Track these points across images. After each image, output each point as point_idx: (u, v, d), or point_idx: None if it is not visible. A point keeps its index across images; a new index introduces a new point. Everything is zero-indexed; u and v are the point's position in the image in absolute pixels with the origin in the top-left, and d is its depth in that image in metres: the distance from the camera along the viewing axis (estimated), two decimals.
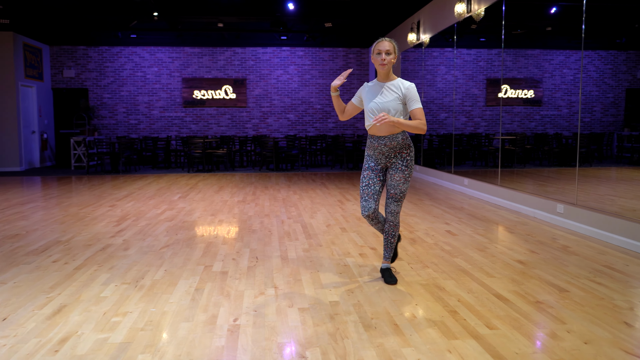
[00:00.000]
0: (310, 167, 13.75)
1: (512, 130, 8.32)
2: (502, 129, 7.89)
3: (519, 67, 8.34)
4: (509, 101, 8.31)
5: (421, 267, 4.26)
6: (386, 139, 3.69)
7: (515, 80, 8.31)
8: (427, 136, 10.96)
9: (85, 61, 14.97)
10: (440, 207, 7.19)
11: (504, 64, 7.83)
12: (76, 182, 10.63)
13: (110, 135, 15.10)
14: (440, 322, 3.08)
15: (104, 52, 15.02)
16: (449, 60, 9.83)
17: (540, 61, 8.31)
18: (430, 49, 10.52)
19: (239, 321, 3.13)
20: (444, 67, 10.25)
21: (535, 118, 8.35)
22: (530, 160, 8.64)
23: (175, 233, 5.62)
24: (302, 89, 15.61)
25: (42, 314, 3.23)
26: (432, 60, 10.63)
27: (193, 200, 7.93)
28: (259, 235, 5.51)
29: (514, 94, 8.35)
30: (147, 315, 3.22)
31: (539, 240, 5.18)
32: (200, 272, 4.16)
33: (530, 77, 8.33)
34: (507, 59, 7.91)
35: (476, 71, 9.56)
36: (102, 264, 4.38)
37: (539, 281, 3.85)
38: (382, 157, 3.76)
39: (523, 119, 8.39)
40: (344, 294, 3.59)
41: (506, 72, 8.03)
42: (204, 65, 15.29)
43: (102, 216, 6.64)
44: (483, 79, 9.48)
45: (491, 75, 9.26)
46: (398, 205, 3.80)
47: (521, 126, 8.39)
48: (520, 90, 8.35)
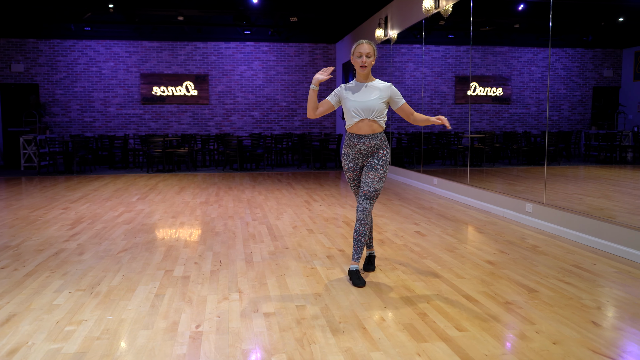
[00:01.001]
0: (276, 166, 13.72)
1: (481, 128, 8.47)
2: (471, 127, 8.02)
3: (488, 64, 8.49)
4: (478, 99, 8.46)
5: (390, 268, 4.30)
6: (366, 138, 3.89)
7: (484, 78, 8.46)
8: (395, 134, 11.06)
9: (35, 55, 14.57)
10: (409, 207, 7.27)
11: (472, 61, 7.97)
12: (26, 183, 10.33)
13: (64, 133, 14.73)
14: (410, 325, 3.12)
15: (56, 46, 14.64)
16: (417, 57, 9.95)
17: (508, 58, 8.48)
18: (398, 45, 10.62)
19: (202, 328, 3.10)
20: (412, 63, 10.37)
21: (504, 116, 8.53)
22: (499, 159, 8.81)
23: (133, 236, 5.53)
24: (267, 85, 15.56)
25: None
26: (401, 57, 10.74)
27: (153, 202, 7.81)
28: (223, 237, 5.47)
29: (483, 91, 8.50)
30: (104, 324, 3.16)
31: (508, 240, 5.29)
32: (160, 277, 4.10)
33: (498, 74, 8.50)
34: (475, 56, 8.05)
35: (445, 68, 9.70)
36: (55, 270, 4.27)
37: (508, 282, 3.93)
38: (359, 155, 3.95)
39: (492, 117, 8.55)
40: (311, 298, 3.59)
41: (475, 70, 8.17)
42: (163, 60, 15.08)
43: (55, 219, 6.48)
44: (452, 76, 9.63)
45: (460, 72, 9.41)
46: (370, 204, 3.89)
47: (490, 124, 8.55)
48: (489, 88, 8.51)
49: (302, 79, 15.78)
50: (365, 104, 3.86)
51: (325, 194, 8.59)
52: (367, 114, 3.87)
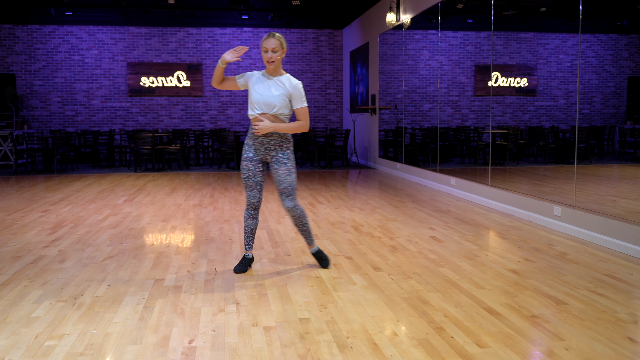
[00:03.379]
0: None
1: (504, 123, 8.45)
2: (492, 122, 8.00)
3: (511, 52, 8.47)
4: (500, 90, 8.43)
5: (403, 278, 4.29)
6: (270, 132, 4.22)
7: (506, 67, 8.44)
8: (409, 130, 11.06)
9: (12, 42, 14.63)
10: (425, 210, 7.27)
11: (494, 49, 7.94)
12: (2, 183, 10.38)
13: (43, 128, 14.78)
14: (425, 341, 3.11)
15: (34, 32, 14.70)
16: (432, 44, 9.93)
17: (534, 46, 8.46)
18: (411, 31, 10.61)
19: (195, 343, 3.10)
20: (427, 51, 10.35)
21: (529, 109, 8.50)
22: (524, 156, 8.78)
23: (120, 242, 5.55)
24: None
25: None
26: (414, 44, 10.73)
27: (141, 204, 7.83)
28: (218, 243, 5.48)
29: (506, 82, 8.48)
30: (87, 338, 3.16)
31: (534, 246, 5.28)
32: (149, 287, 4.11)
33: (523, 63, 8.48)
34: (497, 42, 8.03)
35: (463, 56, 9.68)
36: (34, 279, 4.29)
37: (534, 293, 3.92)
38: (261, 148, 4.29)
39: (516, 111, 8.53)
40: (315, 310, 3.59)
41: (497, 58, 8.15)
42: (152, 48, 15.11)
43: (34, 223, 6.50)
44: (471, 65, 9.61)
45: (480, 61, 9.39)
46: (292, 200, 4.30)
47: (514, 119, 8.52)
48: (513, 79, 8.48)
49: (305, 68, 15.79)
50: (267, 99, 4.17)
51: (331, 195, 8.59)
52: (268, 108, 4.17)
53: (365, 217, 6.77)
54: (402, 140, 11.23)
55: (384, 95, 12.25)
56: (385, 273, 4.43)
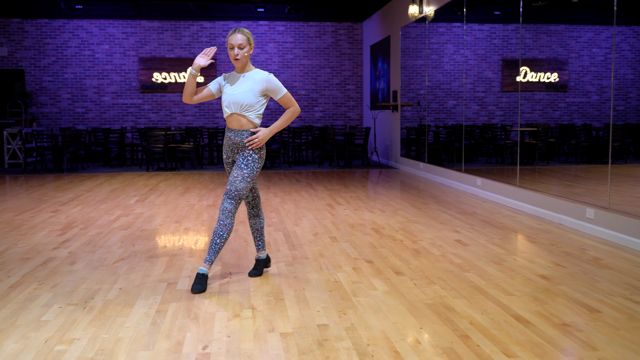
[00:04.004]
0: (294, 164, 13.76)
1: (533, 120, 8.38)
2: (521, 120, 7.94)
3: (541, 45, 8.40)
4: (529, 86, 8.37)
5: (426, 283, 4.28)
6: (232, 133, 4.20)
7: (536, 62, 8.37)
8: (432, 128, 11.02)
9: (21, 37, 14.83)
10: (449, 211, 7.24)
11: (522, 42, 7.88)
12: (11, 182, 10.53)
13: (53, 126, 14.97)
14: (449, 349, 3.10)
15: (44, 27, 14.88)
16: (457, 38, 9.88)
17: (565, 38, 8.38)
18: (435, 23, 10.57)
19: (209, 349, 3.12)
20: (451, 45, 10.30)
21: (560, 106, 8.42)
22: (554, 156, 8.71)
23: (131, 244, 5.60)
24: (284, 71, 15.61)
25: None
26: (438, 38, 10.68)
27: (153, 205, 7.90)
28: (233, 246, 5.50)
29: (535, 77, 8.41)
30: (98, 343, 3.20)
31: (565, 251, 5.24)
32: (162, 290, 4.14)
33: (553, 57, 8.40)
34: (526, 35, 7.97)
35: (490, 50, 9.63)
36: (43, 282, 4.34)
37: (565, 300, 3.89)
38: (229, 150, 4.27)
39: (546, 107, 8.45)
40: (334, 316, 3.59)
41: (525, 52, 8.09)
42: (165, 43, 15.22)
43: (43, 224, 6.59)
44: (498, 59, 9.55)
45: (508, 55, 9.33)
46: (231, 204, 4.12)
47: (543, 116, 8.45)
48: (542, 74, 8.41)
49: (323, 63, 15.80)
50: (234, 97, 4.14)
51: (351, 196, 8.59)
52: (235, 107, 4.14)
53: (386, 219, 6.76)
54: (425, 138, 11.19)
55: (406, 92, 12.21)
56: (408, 278, 4.41)
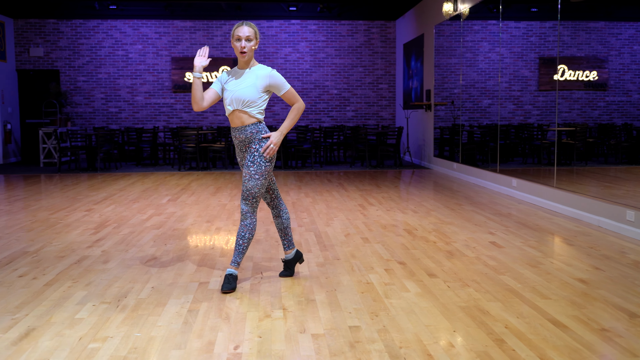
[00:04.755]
0: (325, 164, 13.77)
1: (571, 120, 8.26)
2: (558, 119, 7.82)
3: (579, 43, 8.27)
4: (567, 85, 8.25)
5: (460, 285, 4.24)
6: (236, 131, 4.13)
7: (574, 60, 8.24)
8: (466, 127, 10.92)
9: (56, 37, 15.14)
10: (483, 213, 7.17)
11: (560, 40, 7.76)
12: (46, 181, 10.75)
13: (86, 126, 15.24)
14: (484, 353, 3.07)
15: (78, 27, 15.17)
16: (493, 35, 9.77)
17: (605, 36, 8.24)
18: (470, 21, 10.47)
19: (241, 349, 3.14)
20: (486, 43, 10.20)
21: (599, 105, 8.28)
22: (593, 156, 8.56)
23: (163, 243, 5.66)
24: (315, 70, 15.64)
25: (6, 339, 3.27)
26: (473, 36, 10.58)
27: (185, 204, 7.98)
28: (264, 246, 5.53)
29: (573, 75, 8.28)
30: (131, 341, 3.24)
31: (604, 254, 5.14)
32: (194, 289, 4.18)
33: (592, 55, 8.26)
34: (564, 33, 7.85)
35: (526, 48, 9.51)
36: (78, 280, 4.42)
37: (604, 304, 3.82)
38: (239, 151, 4.20)
39: (584, 107, 8.32)
40: (366, 318, 3.59)
41: (563, 50, 7.97)
42: (197, 42, 15.37)
43: (77, 222, 6.71)
44: (535, 57, 9.43)
45: (545, 53, 9.20)
46: (245, 204, 4.14)
47: (582, 115, 8.32)
48: (581, 72, 8.28)
49: (356, 62, 15.78)
50: (236, 93, 4.04)
51: (383, 196, 8.56)
52: (237, 104, 4.05)
53: (419, 220, 6.72)
54: (459, 138, 11.09)
55: (439, 91, 12.13)
56: (441, 280, 4.38)
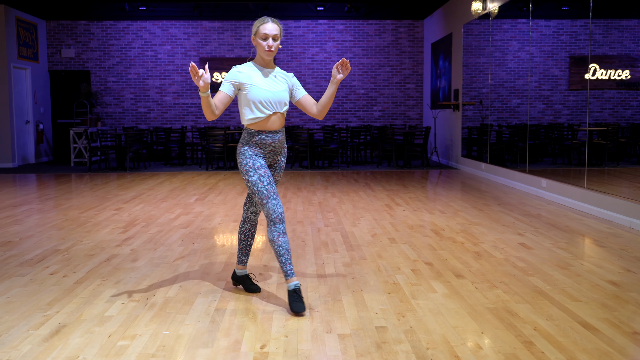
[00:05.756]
0: (352, 164, 13.76)
1: (602, 119, 8.14)
2: (589, 119, 7.72)
3: (611, 41, 8.15)
4: (599, 84, 8.12)
5: (488, 287, 4.21)
6: (279, 134, 3.88)
7: (606, 58, 8.12)
8: (495, 127, 10.83)
9: (87, 39, 15.37)
10: (512, 213, 7.10)
11: (592, 38, 7.66)
12: (76, 180, 10.92)
13: (116, 125, 15.45)
14: (512, 355, 3.04)
15: (109, 28, 15.38)
16: (522, 34, 9.67)
17: (638, 34, 8.10)
18: (499, 20, 10.38)
19: (268, 348, 3.15)
20: (516, 42, 10.10)
21: (631, 105, 8.15)
22: (625, 157, 8.42)
23: (191, 242, 5.72)
24: None
25: (38, 335, 3.34)
26: (502, 35, 10.48)
27: (212, 204, 8.04)
28: (291, 246, 5.54)
29: (605, 74, 8.16)
30: (159, 339, 3.28)
31: (636, 256, 5.06)
32: (221, 289, 4.21)
33: (625, 54, 8.13)
34: (595, 31, 7.74)
35: (557, 47, 9.39)
36: (107, 278, 4.49)
37: (636, 307, 3.76)
38: (271, 154, 3.91)
39: (616, 106, 8.19)
40: (393, 319, 3.58)
41: (595, 48, 7.85)
42: (225, 43, 15.48)
43: (107, 221, 6.81)
44: (565, 56, 9.30)
45: (576, 52, 9.08)
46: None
47: (614, 115, 8.19)
48: (613, 71, 8.15)
49: (383, 62, 15.74)
50: (278, 95, 3.79)
51: (410, 197, 8.53)
52: (279, 107, 3.80)
53: (446, 221, 6.68)
54: (487, 138, 11.00)
55: (467, 90, 12.04)
56: (469, 281, 4.35)
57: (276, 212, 3.71)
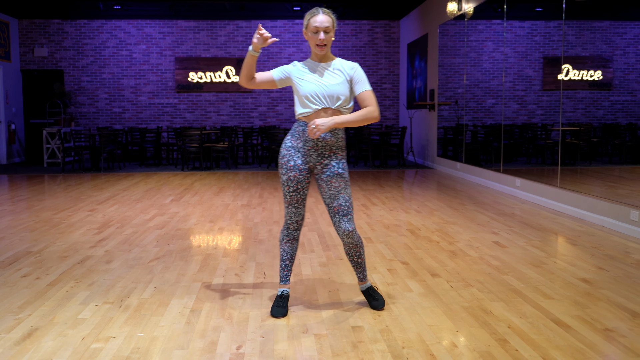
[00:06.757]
0: None
1: (575, 119, 8.24)
2: (562, 119, 7.81)
3: (584, 42, 8.25)
4: (572, 84, 8.23)
5: (463, 285, 4.24)
6: (327, 133, 3.59)
7: (579, 59, 8.22)
8: (470, 127, 10.91)
9: (61, 37, 15.17)
10: (487, 213, 7.16)
11: (565, 39, 7.75)
12: (49, 181, 10.77)
13: (90, 126, 15.27)
14: (487, 353, 3.07)
15: (83, 27, 15.20)
16: (497, 35, 9.76)
17: (610, 35, 8.21)
18: (474, 20, 10.46)
19: (244, 349, 3.14)
20: (491, 42, 10.18)
21: (603, 105, 8.26)
22: (597, 156, 8.54)
23: (167, 243, 5.67)
24: None
25: (9, 339, 3.29)
26: (477, 35, 10.57)
27: (188, 204, 7.99)
28: (267, 246, 5.53)
29: (578, 75, 8.26)
30: (134, 341, 3.25)
31: (608, 254, 5.13)
32: (196, 290, 4.19)
33: (597, 54, 8.24)
34: (569, 32, 7.83)
35: (531, 48, 9.49)
36: (81, 280, 4.44)
37: (608, 304, 3.82)
38: (314, 153, 3.64)
39: (589, 106, 8.30)
40: (369, 318, 3.59)
41: (568, 49, 7.95)
42: (201, 42, 15.39)
43: (81, 222, 6.73)
44: (539, 57, 9.41)
45: (549, 52, 9.18)
46: (350, 221, 3.62)
47: (586, 115, 8.30)
48: (586, 71, 8.26)
49: (359, 62, 15.77)
50: (329, 90, 3.56)
51: (386, 196, 8.56)
52: (331, 102, 3.57)
53: (422, 220, 6.72)
54: (462, 138, 11.08)
55: (443, 90, 12.12)
56: (444, 280, 4.38)
57: (292, 220, 3.72)
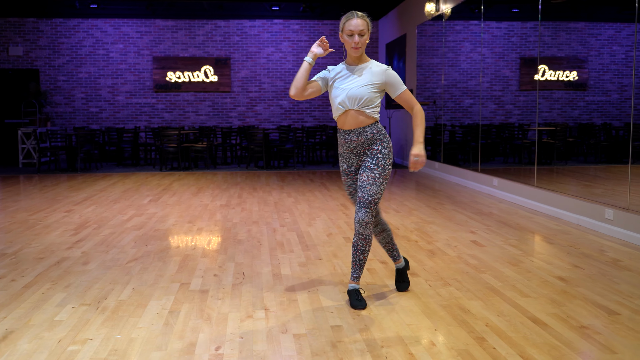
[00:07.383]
0: (308, 164, 13.77)
1: (551, 119, 8.33)
2: (539, 119, 7.89)
3: (560, 43, 8.35)
4: (548, 84, 8.31)
5: (441, 284, 4.27)
6: (352, 134, 3.76)
7: (555, 60, 8.31)
8: (448, 127, 10.98)
9: (36, 36, 14.97)
10: (465, 212, 7.21)
11: (541, 40, 7.83)
12: (25, 182, 10.63)
13: (67, 126, 15.10)
14: (465, 351, 3.09)
15: (59, 26, 15.02)
16: (474, 36, 9.83)
17: (585, 36, 8.31)
18: (452, 21, 10.53)
19: (222, 350, 3.13)
20: (468, 43, 10.26)
21: (579, 105, 8.36)
22: (572, 156, 8.64)
23: (144, 244, 5.63)
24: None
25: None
26: (455, 36, 10.64)
27: (166, 205, 7.94)
28: (246, 246, 5.52)
29: (554, 75, 8.35)
30: (111, 343, 3.22)
31: (583, 252, 5.20)
32: (175, 290, 4.16)
33: (573, 55, 8.34)
34: (545, 33, 7.92)
35: (508, 48, 9.57)
36: (57, 282, 4.39)
37: (583, 302, 3.86)
38: (351, 155, 3.83)
39: (564, 106, 8.39)
40: (348, 317, 3.60)
41: (544, 50, 8.03)
42: (179, 42, 15.30)
43: (57, 223, 6.65)
44: (516, 57, 9.49)
45: (526, 53, 9.27)
46: (367, 214, 3.67)
47: (562, 115, 8.39)
48: (561, 72, 8.35)
49: (338, 61, 15.75)
50: (350, 92, 3.70)
51: None
52: (351, 103, 3.70)
53: (401, 220, 6.75)
54: (440, 138, 11.15)
55: (421, 90, 12.18)
56: (423, 279, 4.41)
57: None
